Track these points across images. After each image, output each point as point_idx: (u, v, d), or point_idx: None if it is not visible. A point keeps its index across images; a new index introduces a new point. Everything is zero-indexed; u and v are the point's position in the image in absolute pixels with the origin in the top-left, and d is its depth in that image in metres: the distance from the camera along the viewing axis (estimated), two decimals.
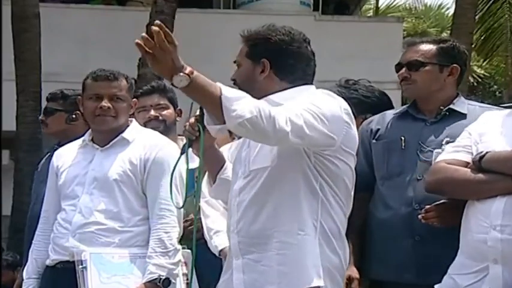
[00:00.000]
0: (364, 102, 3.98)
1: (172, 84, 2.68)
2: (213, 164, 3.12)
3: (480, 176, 3.00)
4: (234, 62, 3.08)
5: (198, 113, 2.92)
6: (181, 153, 3.08)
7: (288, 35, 3.03)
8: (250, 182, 2.96)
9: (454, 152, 3.15)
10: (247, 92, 2.83)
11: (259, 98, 2.84)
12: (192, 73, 2.66)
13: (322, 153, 2.92)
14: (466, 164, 3.08)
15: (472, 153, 3.10)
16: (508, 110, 3.22)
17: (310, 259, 2.90)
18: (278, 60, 3.01)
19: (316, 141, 2.85)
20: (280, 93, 2.98)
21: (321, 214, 2.94)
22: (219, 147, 3.25)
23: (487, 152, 3.01)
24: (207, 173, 3.25)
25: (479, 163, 3.02)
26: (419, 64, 3.57)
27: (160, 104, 4.38)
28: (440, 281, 3.17)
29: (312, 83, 3.08)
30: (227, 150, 3.68)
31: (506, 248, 2.88)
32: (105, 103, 3.73)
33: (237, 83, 3.03)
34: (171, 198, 3.25)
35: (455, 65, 3.61)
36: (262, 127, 2.69)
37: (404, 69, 3.59)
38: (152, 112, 4.35)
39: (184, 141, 3.87)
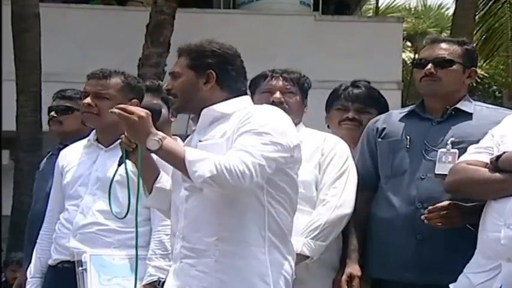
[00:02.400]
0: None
1: (147, 149, 2.94)
2: (149, 174, 3.19)
3: (496, 175, 3.02)
4: (169, 73, 3.20)
5: None
6: (119, 165, 3.20)
7: (231, 49, 3.19)
8: (195, 189, 3.00)
9: (475, 153, 3.17)
10: (187, 102, 3.12)
11: (200, 108, 3.10)
12: (163, 139, 2.92)
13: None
14: (486, 165, 3.09)
15: (493, 155, 3.10)
16: None
17: (255, 269, 2.97)
18: (223, 73, 3.15)
19: (277, 166, 2.98)
20: (222, 104, 3.11)
21: (268, 224, 3.01)
22: None
23: (504, 152, 3.03)
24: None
25: (496, 163, 3.03)
26: (448, 62, 3.55)
27: None
28: (441, 281, 3.19)
29: (246, 94, 3.26)
30: None
31: None
32: (87, 100, 3.76)
33: (172, 93, 3.17)
34: (110, 208, 3.31)
35: (474, 68, 3.62)
36: (226, 181, 2.86)
37: (430, 65, 3.56)
38: None
39: (178, 141, 3.88)
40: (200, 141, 3.07)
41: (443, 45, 3.59)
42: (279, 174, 3.01)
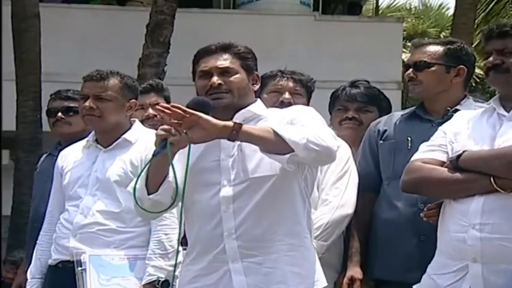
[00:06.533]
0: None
1: (228, 139, 2.82)
2: (165, 170, 3.01)
3: (457, 175, 2.97)
4: (218, 68, 3.09)
5: None
6: (154, 156, 2.93)
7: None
8: (248, 189, 2.99)
9: (429, 151, 3.13)
10: (240, 99, 3.07)
11: (240, 107, 3.06)
12: (239, 124, 2.83)
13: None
14: (442, 164, 3.06)
15: (447, 153, 3.08)
16: (482, 109, 3.19)
17: (315, 257, 3.06)
18: (258, 76, 3.20)
19: None
20: (254, 105, 3.12)
21: (307, 219, 3.08)
22: None
23: (464, 151, 2.99)
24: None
25: (457, 162, 2.98)
26: (425, 65, 3.59)
27: (159, 103, 4.37)
28: None
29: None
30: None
31: (485, 246, 2.88)
32: (88, 103, 3.75)
33: (224, 89, 3.06)
34: (135, 198, 2.99)
35: (462, 66, 3.61)
36: (325, 144, 2.85)
37: (410, 69, 3.61)
38: (150, 110, 4.35)
39: None
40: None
41: (425, 48, 3.65)
42: (310, 166, 3.06)
